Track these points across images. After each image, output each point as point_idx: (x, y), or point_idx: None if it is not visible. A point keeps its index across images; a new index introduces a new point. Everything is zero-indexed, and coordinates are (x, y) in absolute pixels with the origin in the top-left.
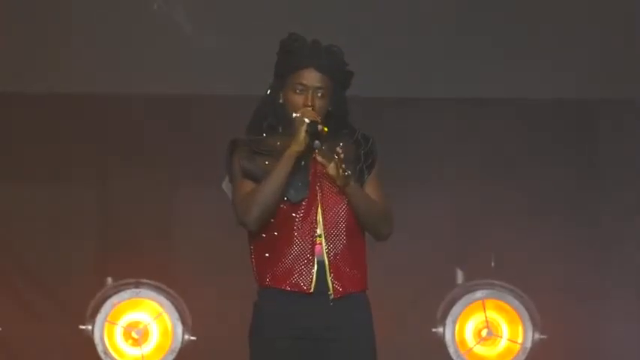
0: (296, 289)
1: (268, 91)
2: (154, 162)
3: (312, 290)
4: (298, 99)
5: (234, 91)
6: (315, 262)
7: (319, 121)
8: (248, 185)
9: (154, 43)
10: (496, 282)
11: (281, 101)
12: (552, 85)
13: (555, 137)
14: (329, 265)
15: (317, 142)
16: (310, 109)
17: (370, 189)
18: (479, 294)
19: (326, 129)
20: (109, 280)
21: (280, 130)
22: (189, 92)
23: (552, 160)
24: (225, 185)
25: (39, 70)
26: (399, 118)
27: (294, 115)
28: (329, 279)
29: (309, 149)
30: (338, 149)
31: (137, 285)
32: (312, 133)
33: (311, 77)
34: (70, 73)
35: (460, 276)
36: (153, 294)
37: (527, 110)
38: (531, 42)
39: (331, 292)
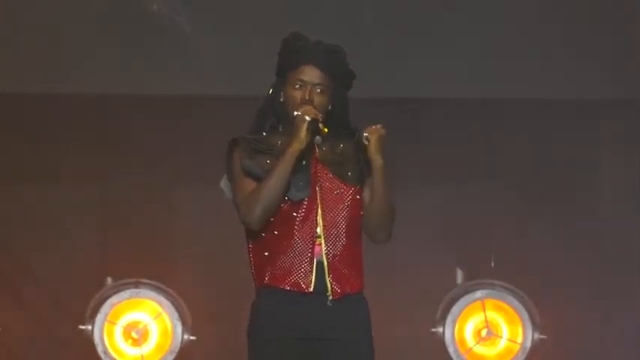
0: (295, 289)
1: (270, 91)
2: (153, 162)
3: (311, 290)
4: (297, 94)
5: (235, 91)
6: (315, 263)
7: (320, 118)
8: (250, 184)
9: (154, 43)
10: (496, 282)
11: (282, 99)
12: (553, 86)
13: (556, 137)
14: (328, 266)
15: (318, 137)
16: (310, 106)
17: (370, 191)
18: (478, 294)
19: (326, 129)
20: (109, 280)
21: (280, 129)
22: (189, 93)
23: (552, 160)
24: (224, 183)
25: (39, 70)
26: (399, 119)
27: (295, 113)
28: (328, 280)
29: (309, 147)
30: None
31: (137, 285)
32: (313, 130)
33: (310, 73)
34: (70, 74)
35: (460, 276)
36: (152, 294)
37: (527, 110)
38: (532, 42)
39: (330, 293)
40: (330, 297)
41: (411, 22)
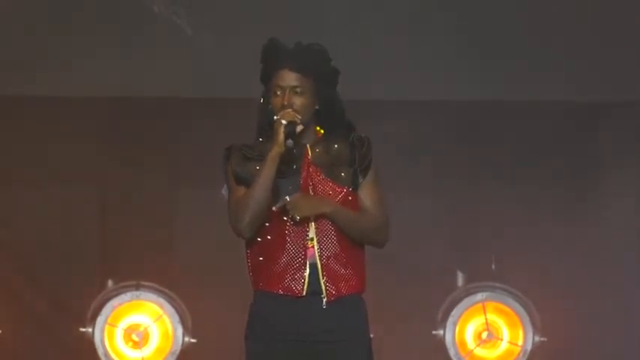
0: (288, 293)
1: (262, 100)
2: (154, 164)
3: (304, 293)
4: (278, 100)
5: (235, 93)
6: (308, 266)
7: (298, 121)
8: (241, 191)
9: (155, 45)
10: (496, 284)
11: (270, 107)
12: (553, 87)
13: (556, 139)
14: (321, 268)
15: (289, 140)
16: (290, 110)
17: (365, 193)
18: (479, 296)
19: (322, 131)
20: (110, 282)
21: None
22: (189, 94)
23: (553, 162)
24: (225, 191)
25: (40, 72)
26: (398, 120)
27: (274, 118)
28: (322, 282)
29: (300, 151)
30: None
31: (137, 287)
32: (290, 133)
33: (285, 77)
34: (71, 75)
35: (461, 278)
36: (153, 296)
37: (527, 112)
38: (532, 44)
39: (324, 295)
40: (325, 299)
41: (410, 23)
